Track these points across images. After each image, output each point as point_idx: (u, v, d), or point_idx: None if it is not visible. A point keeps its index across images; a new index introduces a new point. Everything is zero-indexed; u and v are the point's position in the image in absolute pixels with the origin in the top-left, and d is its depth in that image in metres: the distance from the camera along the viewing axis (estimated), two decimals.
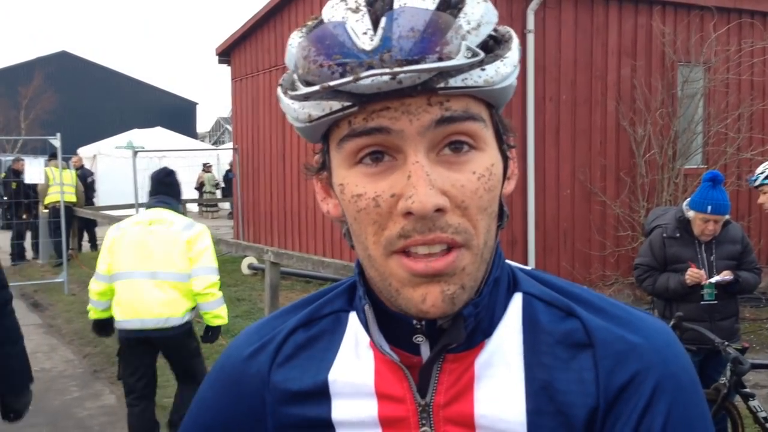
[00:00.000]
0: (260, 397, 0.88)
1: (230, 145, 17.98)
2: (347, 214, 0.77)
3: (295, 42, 0.77)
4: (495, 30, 0.76)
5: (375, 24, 0.71)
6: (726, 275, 4.28)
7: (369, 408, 0.82)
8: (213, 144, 55.03)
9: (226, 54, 14.41)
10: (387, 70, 0.67)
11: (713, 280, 4.28)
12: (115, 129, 32.41)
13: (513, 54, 0.75)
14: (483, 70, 0.72)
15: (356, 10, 0.72)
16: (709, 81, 9.67)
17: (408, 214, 0.72)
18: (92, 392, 6.37)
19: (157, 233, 4.35)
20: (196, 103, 51.30)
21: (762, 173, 4.47)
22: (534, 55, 8.68)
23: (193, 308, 4.44)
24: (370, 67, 0.68)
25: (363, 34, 0.70)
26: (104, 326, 4.61)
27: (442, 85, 0.70)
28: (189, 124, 47.75)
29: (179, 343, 4.41)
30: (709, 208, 4.21)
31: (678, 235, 4.38)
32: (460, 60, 0.69)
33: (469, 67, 0.70)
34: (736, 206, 10.11)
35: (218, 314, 4.45)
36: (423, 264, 0.73)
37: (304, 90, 0.72)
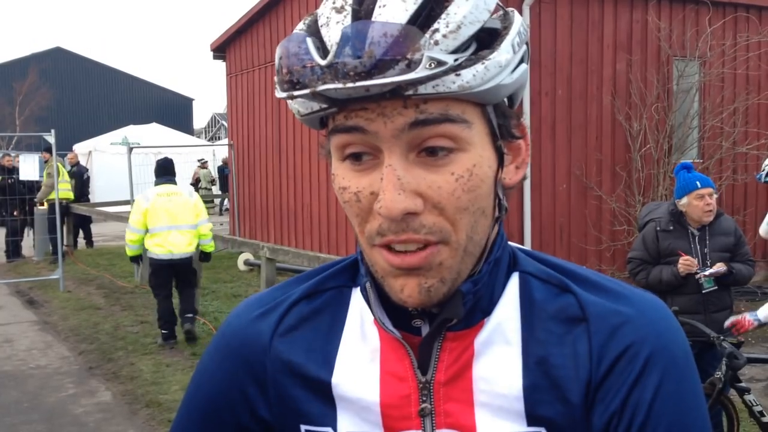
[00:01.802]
0: (261, 363, 0.89)
1: (226, 141, 17.95)
2: (339, 199, 0.80)
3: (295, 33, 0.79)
4: (499, 17, 0.76)
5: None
6: (719, 267, 4.29)
7: (371, 384, 0.83)
8: (209, 140, 54.92)
9: (220, 50, 14.37)
10: (339, 85, 0.69)
11: (707, 273, 4.29)
12: (111, 125, 32.30)
13: (501, 54, 0.73)
14: (458, 75, 0.71)
15: (340, 10, 0.74)
16: (705, 75, 9.67)
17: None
18: (88, 389, 6.36)
19: (176, 201, 7.29)
20: (191, 99, 51.15)
21: None
22: (529, 50, 8.65)
23: (197, 245, 7.46)
24: (325, 81, 0.70)
25: (334, 41, 0.71)
26: (137, 259, 7.81)
27: (410, 92, 0.70)
28: (185, 120, 47.60)
29: (190, 263, 7.47)
30: (698, 183, 4.28)
31: (671, 228, 4.41)
32: (419, 73, 0.68)
33: (443, 73, 0.70)
34: (732, 200, 10.13)
35: (211, 245, 7.68)
36: (399, 258, 0.75)
37: (279, 93, 0.76)
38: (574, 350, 0.80)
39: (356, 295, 0.89)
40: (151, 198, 7.21)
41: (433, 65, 0.69)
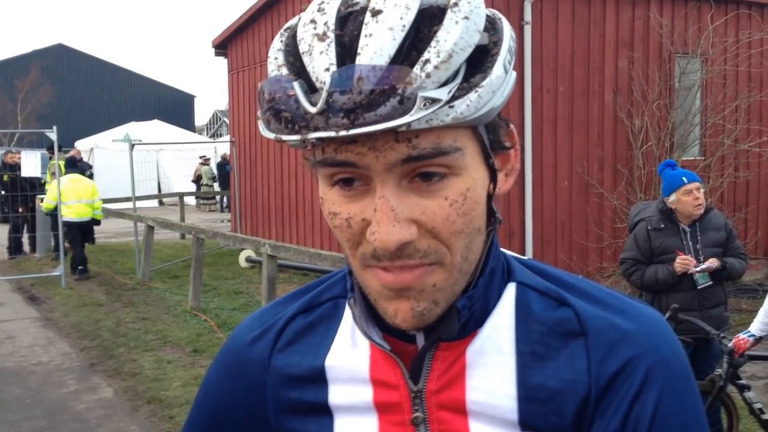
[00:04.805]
0: (261, 380, 0.91)
1: (228, 137, 17.95)
2: (328, 223, 0.79)
3: (273, 54, 0.76)
4: (488, 31, 0.74)
5: (342, 53, 0.70)
6: (712, 263, 4.29)
7: (364, 393, 0.84)
8: (210, 137, 54.93)
9: (222, 46, 14.36)
10: (332, 134, 0.67)
11: (698, 268, 4.29)
12: (112, 122, 32.35)
13: (493, 78, 0.72)
14: (451, 107, 0.69)
15: (323, 37, 0.71)
16: (707, 72, 9.66)
17: None
18: (89, 385, 6.37)
19: (80, 184, 11.35)
20: (193, 96, 51.14)
21: None
22: (531, 47, 8.66)
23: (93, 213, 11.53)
24: (316, 128, 0.68)
25: (324, 71, 0.69)
26: (53, 215, 11.59)
27: (404, 129, 0.68)
28: (186, 117, 47.60)
29: (90, 226, 11.66)
30: (684, 178, 4.30)
31: (662, 226, 4.40)
32: (414, 114, 0.66)
33: (437, 109, 0.68)
34: (734, 198, 10.13)
35: (101, 215, 11.68)
36: (392, 275, 0.75)
37: (265, 133, 0.74)
38: (572, 364, 0.79)
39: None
40: (64, 182, 11.14)
41: (427, 104, 0.67)
